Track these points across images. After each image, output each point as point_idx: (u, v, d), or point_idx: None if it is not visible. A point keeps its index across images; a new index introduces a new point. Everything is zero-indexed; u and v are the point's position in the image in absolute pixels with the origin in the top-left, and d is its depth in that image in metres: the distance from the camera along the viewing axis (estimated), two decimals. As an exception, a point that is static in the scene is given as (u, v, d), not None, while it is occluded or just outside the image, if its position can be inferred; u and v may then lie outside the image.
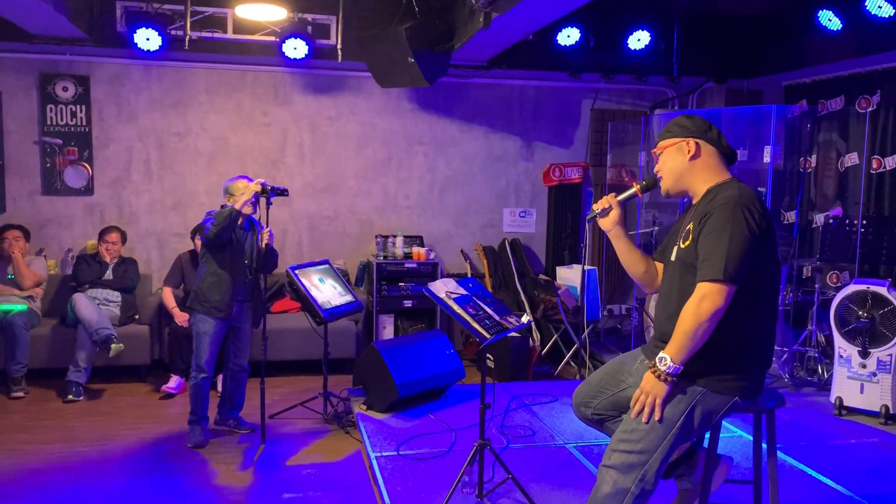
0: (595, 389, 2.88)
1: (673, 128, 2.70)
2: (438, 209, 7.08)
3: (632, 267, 2.86)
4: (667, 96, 7.34)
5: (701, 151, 2.63)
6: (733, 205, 2.44)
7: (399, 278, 6.54)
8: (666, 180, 2.71)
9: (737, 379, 2.51)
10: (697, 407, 2.51)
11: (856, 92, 6.20)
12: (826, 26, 5.40)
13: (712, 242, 2.42)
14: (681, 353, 2.42)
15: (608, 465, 2.58)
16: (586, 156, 7.32)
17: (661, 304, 2.71)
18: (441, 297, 3.28)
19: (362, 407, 4.82)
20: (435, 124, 6.99)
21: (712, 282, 2.39)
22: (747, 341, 2.50)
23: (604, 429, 2.92)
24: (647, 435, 2.52)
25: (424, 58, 5.63)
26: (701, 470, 2.81)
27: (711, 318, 2.38)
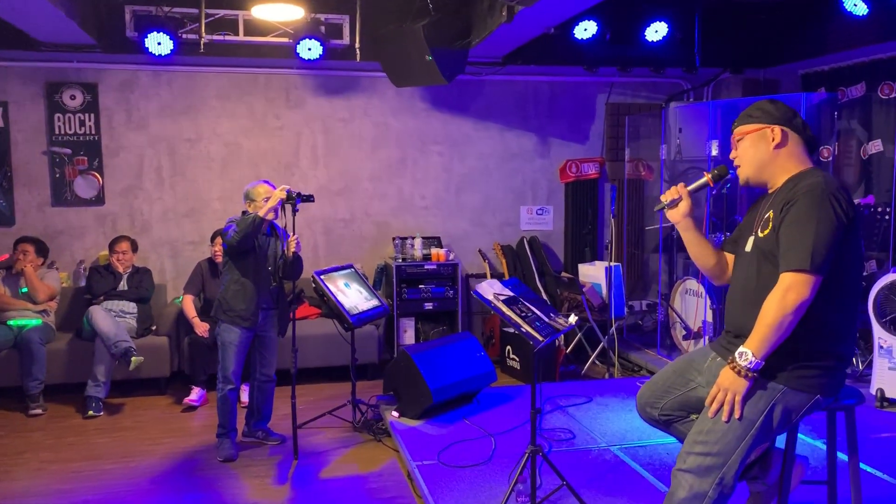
0: (662, 389, 2.76)
1: (755, 112, 2.55)
2: (455, 209, 6.95)
3: (701, 259, 2.74)
4: (682, 88, 7.23)
5: (787, 139, 2.49)
6: (820, 192, 2.31)
7: (419, 280, 6.41)
8: (746, 168, 2.56)
9: (818, 376, 2.39)
10: (778, 405, 2.39)
11: (878, 78, 6.09)
12: (852, 12, 5.29)
13: (798, 230, 2.30)
14: (763, 347, 2.30)
15: (684, 469, 2.45)
16: (602, 151, 7.20)
17: (734, 296, 2.58)
18: (490, 299, 3.16)
19: (394, 414, 4.68)
20: (449, 123, 6.86)
21: (798, 272, 2.26)
22: (830, 336, 2.38)
23: (671, 430, 2.79)
24: (724, 436, 2.40)
25: (442, 55, 5.51)
26: (776, 471, 2.69)
27: (797, 310, 2.26)
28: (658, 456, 4.04)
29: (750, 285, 2.49)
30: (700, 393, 2.66)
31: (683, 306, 6.11)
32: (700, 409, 2.67)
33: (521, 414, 4.73)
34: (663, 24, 6.11)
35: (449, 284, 6.44)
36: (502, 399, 5.06)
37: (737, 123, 2.61)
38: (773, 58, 6.72)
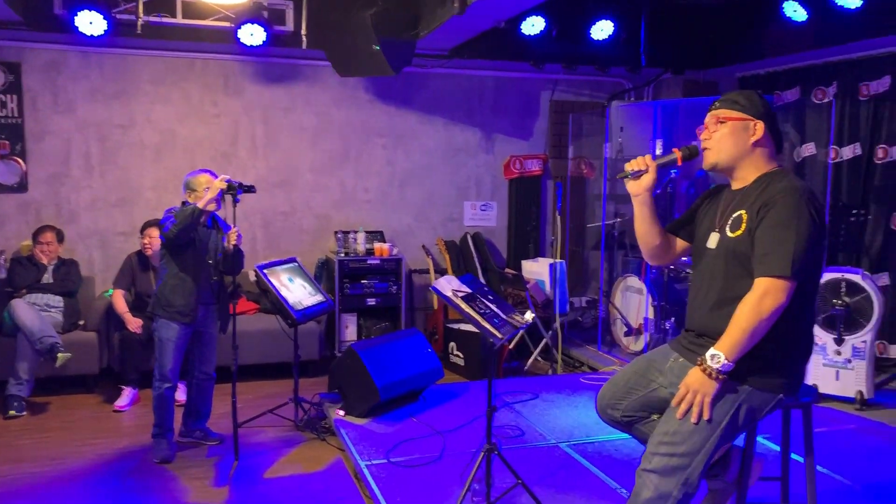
0: (623, 390, 2.74)
1: (742, 101, 2.48)
2: (399, 203, 6.86)
3: (647, 237, 2.69)
4: (624, 87, 7.33)
5: (765, 138, 2.48)
6: (798, 197, 2.31)
7: (362, 275, 6.29)
8: (720, 154, 2.50)
9: (782, 376, 2.41)
10: (743, 406, 2.40)
11: (812, 83, 6.30)
12: (791, 17, 5.44)
13: (777, 236, 2.29)
14: (735, 351, 2.30)
15: (649, 469, 2.44)
16: (546, 148, 7.23)
17: (698, 295, 2.56)
18: (448, 295, 3.09)
19: (339, 412, 4.58)
20: (394, 115, 6.76)
21: (777, 278, 2.26)
22: (793, 337, 2.40)
23: (632, 431, 2.79)
24: (690, 437, 2.40)
25: (390, 45, 5.41)
26: (735, 468, 2.71)
27: (772, 315, 2.27)
28: (606, 452, 4.06)
29: (716, 286, 2.48)
30: (662, 393, 2.66)
31: (624, 303, 6.19)
32: (661, 409, 2.67)
33: (469, 411, 4.70)
34: (609, 23, 6.16)
35: (392, 280, 6.35)
36: (448, 396, 5.01)
37: (719, 105, 2.53)
38: (713, 60, 6.87)
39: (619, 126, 6.57)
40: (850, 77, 5.93)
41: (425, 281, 6.89)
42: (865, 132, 5.85)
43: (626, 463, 3.91)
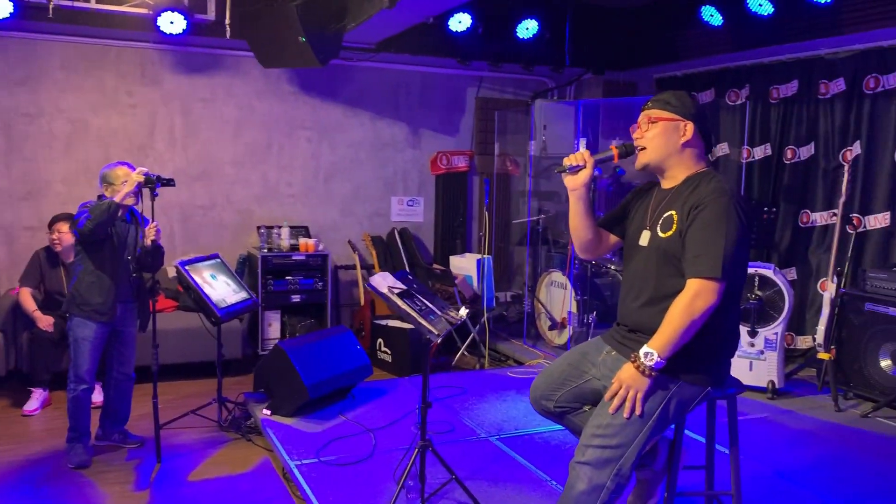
0: (557, 382, 2.79)
1: (674, 101, 2.56)
2: (324, 197, 6.77)
3: (581, 231, 2.75)
4: (547, 86, 7.45)
5: (695, 138, 2.56)
6: (727, 199, 2.39)
7: (286, 272, 6.18)
8: (651, 154, 2.57)
9: (710, 370, 2.51)
10: (673, 399, 2.48)
11: (726, 85, 6.56)
12: (708, 21, 5.65)
13: (707, 238, 2.37)
14: (668, 349, 2.37)
15: (582, 462, 2.50)
16: (472, 144, 7.28)
17: (630, 291, 2.64)
18: (384, 292, 3.07)
19: (266, 412, 4.48)
20: (318, 108, 6.66)
21: (708, 279, 2.34)
22: (721, 333, 2.49)
23: (565, 422, 2.84)
24: (623, 429, 2.46)
25: (317, 37, 5.32)
26: (663, 458, 2.81)
27: (703, 315, 2.35)
28: (536, 444, 4.13)
29: (648, 283, 2.55)
30: (594, 385, 2.73)
31: (549, 298, 6.30)
32: (594, 400, 2.74)
33: (398, 408, 4.68)
34: (534, 23, 6.25)
35: (318, 276, 6.26)
36: (377, 393, 4.98)
37: (652, 105, 2.60)
38: (632, 61, 7.07)
39: (543, 124, 6.68)
40: (761, 80, 6.20)
41: (351, 277, 6.83)
42: (775, 133, 6.14)
43: (556, 455, 3.99)
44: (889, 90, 5.24)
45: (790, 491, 3.65)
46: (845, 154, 5.59)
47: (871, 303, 4.88)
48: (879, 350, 4.85)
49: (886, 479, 3.82)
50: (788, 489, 3.66)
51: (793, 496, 3.59)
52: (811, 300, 5.85)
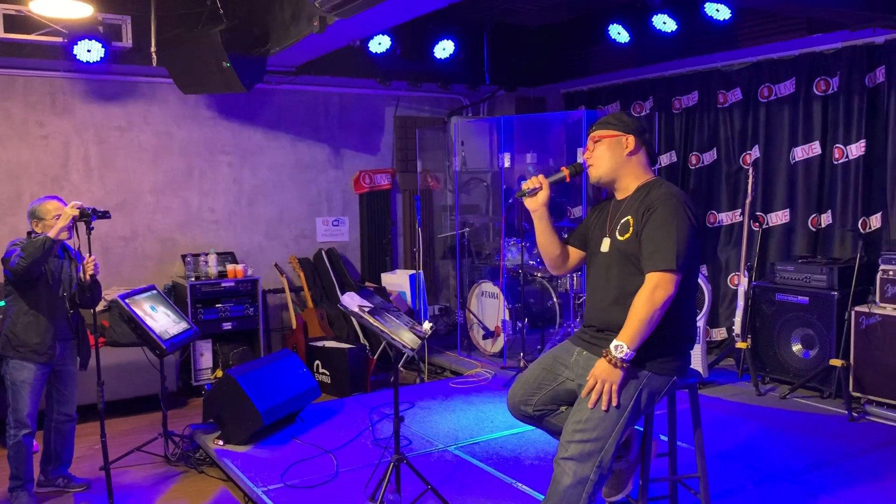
0: (533, 386, 2.94)
1: (613, 120, 2.82)
2: (248, 222, 6.70)
3: (548, 248, 2.95)
4: (462, 104, 7.66)
5: (638, 149, 2.80)
6: (676, 200, 2.65)
7: (216, 299, 6.06)
8: (600, 169, 2.82)
9: (675, 360, 2.73)
10: (644, 390, 2.68)
11: (630, 98, 6.97)
12: (615, 39, 6.00)
13: (661, 234, 2.60)
14: (635, 340, 2.57)
15: (566, 458, 2.65)
16: (393, 162, 7.38)
17: (596, 294, 2.83)
18: (356, 311, 3.13)
19: (218, 442, 4.41)
20: (238, 132, 6.60)
21: (664, 272, 2.56)
22: (682, 324, 2.72)
23: (543, 424, 2.99)
24: (601, 422, 2.64)
25: (241, 62, 5.30)
26: (636, 449, 3.00)
27: (664, 305, 2.56)
28: (493, 450, 4.26)
29: (612, 284, 2.76)
30: (568, 386, 2.89)
31: (480, 308, 6.47)
32: (569, 400, 2.90)
33: (350, 427, 4.71)
34: (450, 43, 6.42)
35: (249, 302, 6.17)
36: (325, 415, 4.99)
37: (595, 128, 2.87)
38: (542, 77, 7.37)
39: (461, 140, 6.88)
40: (664, 92, 6.64)
41: (280, 301, 6.78)
42: (679, 141, 6.57)
43: (514, 458, 4.13)
44: (782, 97, 5.73)
45: (733, 468, 3.94)
46: (745, 157, 6.06)
47: (780, 293, 5.31)
48: (791, 336, 5.28)
49: (811, 452, 4.18)
50: (732, 467, 3.95)
51: (737, 473, 3.88)
52: (723, 295, 6.28)
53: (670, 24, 5.52)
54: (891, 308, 4.69)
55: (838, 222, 5.43)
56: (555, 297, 6.25)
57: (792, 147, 5.71)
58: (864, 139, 5.21)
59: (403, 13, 4.57)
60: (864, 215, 5.25)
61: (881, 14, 3.98)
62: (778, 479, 3.82)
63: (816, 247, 5.61)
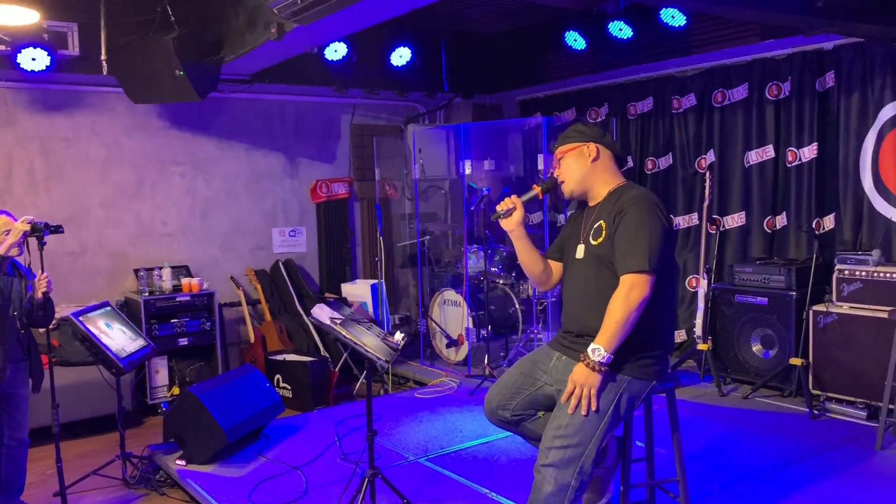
0: (512, 391, 2.92)
1: (572, 133, 2.88)
2: (202, 234, 6.53)
3: (531, 265, 2.96)
4: (418, 111, 7.62)
5: (601, 154, 2.82)
6: (647, 203, 2.67)
7: (171, 314, 5.89)
8: (570, 183, 2.86)
9: (654, 364, 2.73)
10: (624, 394, 2.68)
11: (586, 104, 7.04)
12: (571, 46, 6.05)
13: (633, 237, 2.61)
14: (613, 343, 2.57)
15: (547, 464, 2.63)
16: (350, 171, 7.30)
17: (573, 300, 2.83)
18: (328, 323, 3.06)
19: (180, 462, 4.27)
20: (191, 142, 6.44)
21: (638, 273, 2.57)
22: (659, 328, 2.74)
23: (521, 429, 2.96)
24: (581, 427, 2.62)
25: (194, 70, 5.18)
26: (612, 455, 2.99)
27: (639, 306, 2.57)
28: (466, 460, 4.22)
29: (589, 289, 2.76)
30: (547, 391, 2.87)
31: (443, 316, 6.43)
32: (547, 405, 2.89)
33: (316, 442, 4.62)
34: (407, 50, 6.39)
35: (205, 316, 6.01)
36: (290, 430, 4.88)
37: (556, 145, 2.93)
38: (498, 85, 7.39)
39: (419, 148, 6.85)
40: (619, 98, 6.72)
41: (237, 314, 6.62)
42: (635, 146, 6.65)
43: (487, 467, 4.10)
44: (735, 102, 5.85)
45: (703, 470, 3.97)
46: (700, 162, 6.17)
47: (740, 294, 5.41)
48: (751, 336, 5.37)
49: (777, 451, 4.25)
50: (703, 469, 3.99)
51: (708, 475, 3.91)
52: (682, 297, 6.35)
53: (626, 30, 5.60)
54: (847, 307, 4.81)
55: (793, 224, 5.56)
56: (517, 304, 6.25)
57: (746, 151, 5.83)
58: (816, 142, 5.35)
59: (364, 20, 4.52)
60: (818, 216, 5.39)
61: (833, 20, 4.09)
62: (748, 479, 3.87)
63: (772, 248, 5.74)
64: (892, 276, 4.62)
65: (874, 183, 5.06)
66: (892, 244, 4.97)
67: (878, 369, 4.52)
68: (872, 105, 5.04)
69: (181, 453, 4.33)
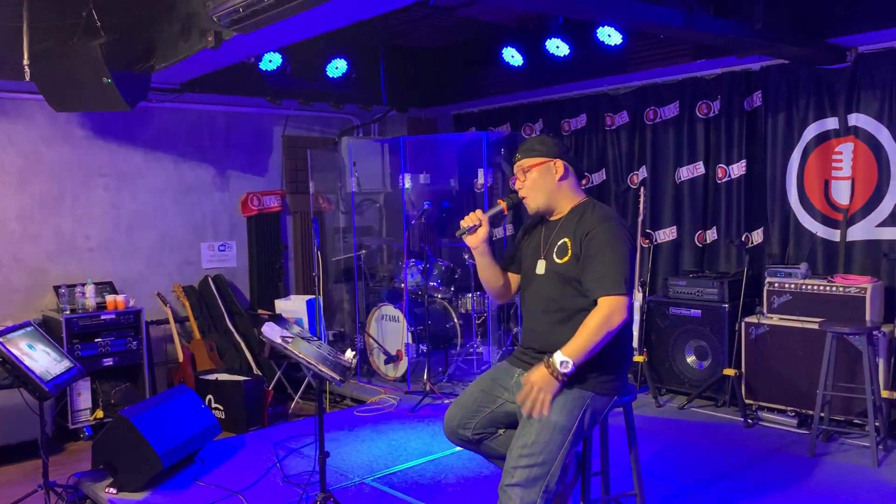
0: (472, 409, 2.89)
1: (537, 146, 2.84)
2: (127, 249, 6.25)
3: (492, 281, 2.95)
4: (353, 124, 7.54)
5: (568, 172, 2.83)
6: (615, 222, 2.70)
7: (95, 334, 5.59)
8: (537, 198, 2.83)
9: (615, 379, 2.75)
10: (587, 410, 2.69)
11: (521, 120, 7.13)
12: (509, 62, 6.10)
13: (607, 259, 2.62)
14: (581, 358, 2.57)
15: (512, 484, 2.60)
16: (282, 183, 7.15)
17: (535, 317, 2.82)
18: (278, 342, 2.96)
19: (111, 490, 4.05)
20: (115, 153, 6.17)
21: (617, 296, 2.58)
22: (621, 344, 2.75)
23: (482, 448, 2.93)
24: (546, 445, 2.61)
25: (123, 78, 4.96)
26: (572, 471, 2.99)
27: (618, 328, 2.58)
28: (412, 479, 4.16)
29: (551, 306, 2.76)
30: (508, 408, 2.86)
31: (380, 332, 6.35)
32: (508, 423, 2.87)
33: (256, 465, 4.47)
34: (343, 62, 6.31)
35: (131, 335, 5.74)
36: (227, 452, 4.70)
37: (520, 156, 2.88)
38: (434, 99, 7.39)
39: (353, 161, 6.78)
40: (553, 114, 6.83)
41: (164, 333, 6.36)
42: (570, 162, 6.75)
43: (434, 486, 4.05)
44: (666, 120, 6.03)
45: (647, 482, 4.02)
46: (632, 178, 6.32)
47: (674, 307, 5.55)
48: (685, 348, 5.52)
49: (716, 460, 4.36)
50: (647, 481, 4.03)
51: (652, 486, 3.97)
52: (616, 310, 6.47)
53: (564, 48, 5.69)
54: (777, 318, 5.00)
55: (723, 238, 5.76)
56: (455, 318, 6.24)
57: (677, 167, 6.00)
58: (745, 159, 5.56)
59: (307, 30, 4.44)
60: (747, 231, 5.59)
61: (771, 42, 4.26)
62: (695, 489, 3.95)
63: (703, 261, 5.92)
64: (819, 288, 4.83)
65: (800, 199, 5.30)
66: (817, 258, 5.21)
67: (808, 378, 4.72)
68: (797, 124, 5.28)
69: (111, 481, 4.10)
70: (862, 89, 4.94)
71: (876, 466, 4.15)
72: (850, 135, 5.02)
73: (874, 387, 4.23)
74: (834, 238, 5.14)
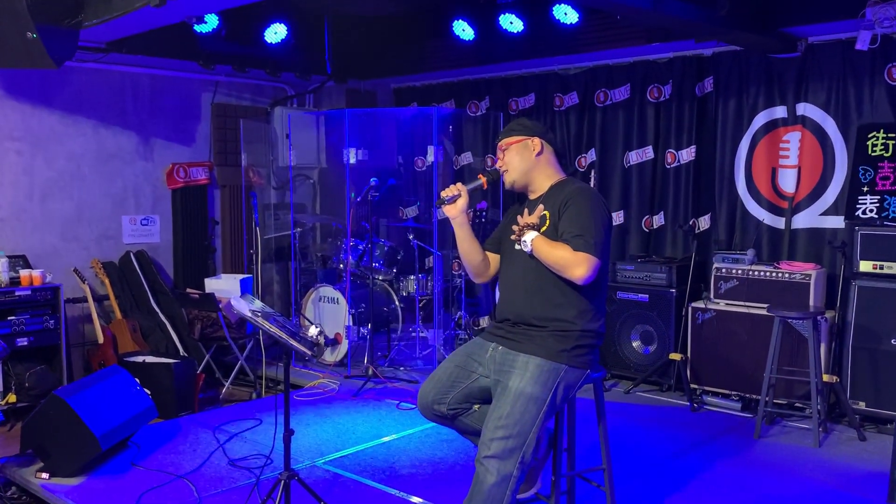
0: (447, 385, 3.08)
1: (517, 127, 3.12)
2: (41, 220, 6.13)
3: (471, 255, 3.15)
4: (286, 94, 7.57)
5: (545, 149, 3.07)
6: (593, 193, 2.99)
7: (9, 311, 5.49)
8: (513, 174, 3.10)
9: (588, 353, 3.00)
10: (561, 383, 2.93)
11: (466, 97, 7.32)
12: (459, 35, 6.27)
13: (584, 221, 2.87)
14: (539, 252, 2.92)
15: (489, 456, 2.82)
16: (210, 154, 7.12)
17: (513, 289, 3.05)
18: (249, 316, 3.06)
19: (42, 475, 4.04)
20: (29, 115, 6.03)
21: (593, 255, 2.83)
22: (595, 318, 3.01)
23: (457, 423, 3.13)
24: (521, 417, 2.84)
25: (50, 33, 4.88)
26: (544, 446, 3.24)
27: (570, 276, 2.85)
28: (366, 462, 4.32)
29: (529, 277, 2.99)
30: (483, 383, 3.07)
31: (318, 314, 6.44)
32: (483, 398, 3.09)
33: (196, 449, 4.53)
34: (283, 27, 6.33)
35: (49, 313, 5.66)
36: (162, 437, 4.74)
37: (501, 136, 3.16)
38: (374, 70, 7.49)
39: (286, 133, 6.81)
40: (501, 93, 7.05)
41: (81, 312, 6.28)
42: (516, 142, 6.99)
43: (389, 468, 4.22)
44: (616, 103, 6.34)
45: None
46: (581, 160, 6.62)
47: (622, 291, 5.88)
48: (631, 332, 5.87)
49: (666, 442, 4.71)
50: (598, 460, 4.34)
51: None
52: (560, 295, 6.78)
53: (517, 24, 5.89)
54: (724, 303, 5.40)
55: (670, 223, 6.12)
56: (397, 301, 6.40)
57: (626, 151, 6.33)
58: (695, 145, 5.93)
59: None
60: (695, 216, 5.97)
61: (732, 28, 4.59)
62: (646, 468, 4.27)
63: (649, 246, 6.28)
64: (765, 274, 5.25)
65: (747, 186, 5.71)
66: (762, 244, 5.63)
67: (753, 363, 5.12)
68: (747, 111, 5.67)
69: (42, 465, 4.10)
70: (810, 79, 5.37)
71: (817, 447, 4.58)
72: (798, 124, 5.45)
73: (817, 370, 4.65)
74: (779, 225, 5.56)
